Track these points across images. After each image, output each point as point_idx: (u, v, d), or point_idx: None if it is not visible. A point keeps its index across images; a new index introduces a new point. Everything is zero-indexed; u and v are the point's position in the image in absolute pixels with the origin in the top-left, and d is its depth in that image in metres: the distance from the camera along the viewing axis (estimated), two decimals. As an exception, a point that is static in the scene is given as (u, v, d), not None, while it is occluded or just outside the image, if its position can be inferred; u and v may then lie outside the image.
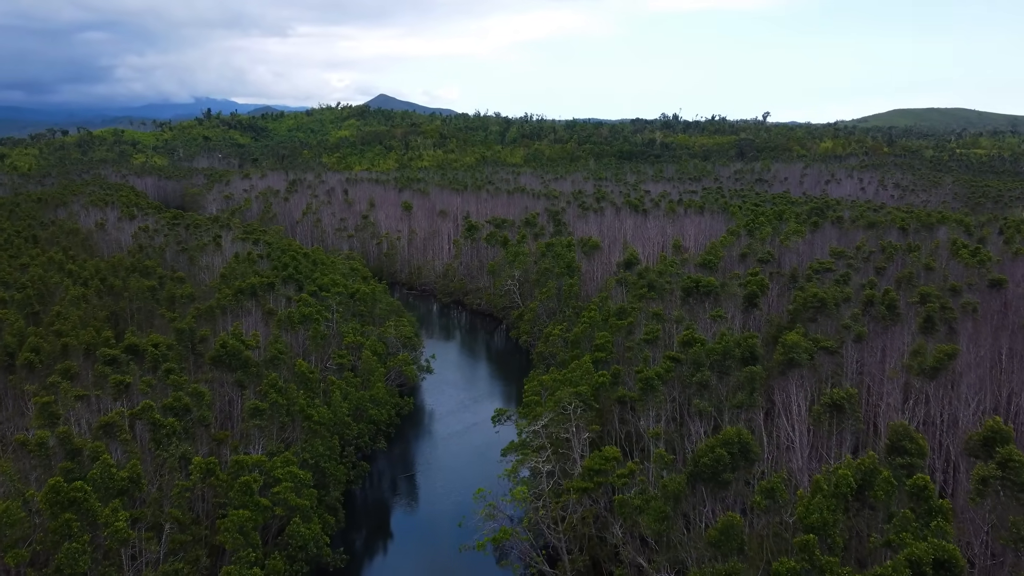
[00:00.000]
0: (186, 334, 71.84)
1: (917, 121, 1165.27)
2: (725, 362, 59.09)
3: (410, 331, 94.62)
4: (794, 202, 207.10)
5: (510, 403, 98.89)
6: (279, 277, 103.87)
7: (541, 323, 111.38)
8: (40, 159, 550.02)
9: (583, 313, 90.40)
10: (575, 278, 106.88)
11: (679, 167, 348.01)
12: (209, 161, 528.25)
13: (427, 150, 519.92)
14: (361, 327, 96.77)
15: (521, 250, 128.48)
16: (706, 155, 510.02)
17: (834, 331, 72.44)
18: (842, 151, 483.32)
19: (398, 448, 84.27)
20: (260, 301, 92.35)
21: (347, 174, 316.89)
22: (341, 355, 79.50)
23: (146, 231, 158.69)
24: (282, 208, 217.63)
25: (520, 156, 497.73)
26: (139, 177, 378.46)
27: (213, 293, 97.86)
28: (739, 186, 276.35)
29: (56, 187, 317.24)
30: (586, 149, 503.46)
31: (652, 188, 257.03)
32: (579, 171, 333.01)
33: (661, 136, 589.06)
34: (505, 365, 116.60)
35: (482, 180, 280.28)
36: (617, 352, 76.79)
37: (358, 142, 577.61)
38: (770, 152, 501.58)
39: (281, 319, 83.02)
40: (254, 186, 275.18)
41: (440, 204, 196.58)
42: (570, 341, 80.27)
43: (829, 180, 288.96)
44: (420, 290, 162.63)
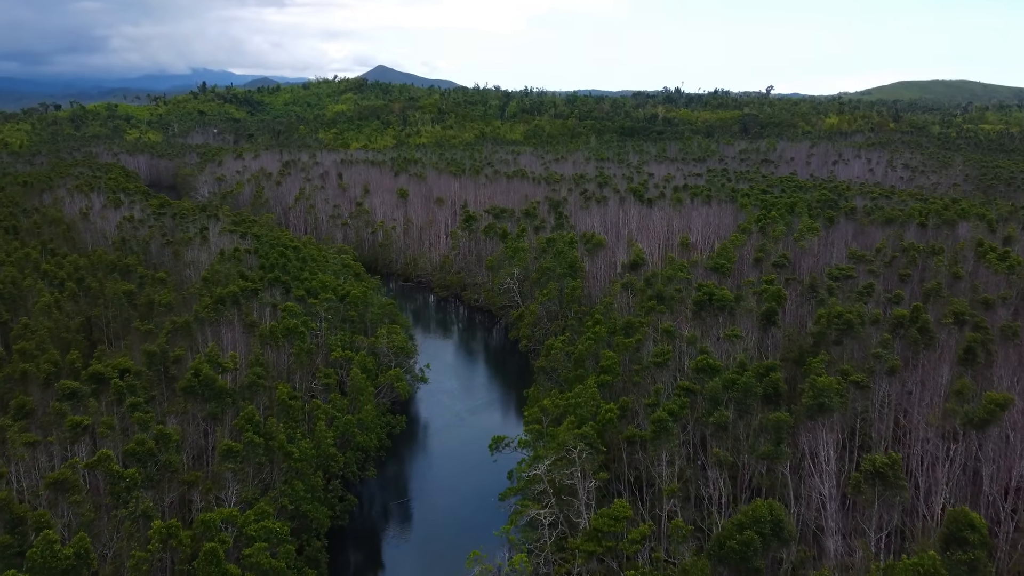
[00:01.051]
0: (157, 357, 66.22)
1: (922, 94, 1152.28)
2: (746, 400, 53.55)
3: (403, 341, 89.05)
4: (802, 186, 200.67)
5: (509, 415, 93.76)
6: (265, 279, 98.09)
7: (542, 326, 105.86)
8: (32, 135, 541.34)
9: (587, 323, 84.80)
10: (578, 280, 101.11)
11: (682, 145, 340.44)
12: (204, 137, 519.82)
13: (425, 126, 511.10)
14: (351, 337, 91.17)
15: (521, 245, 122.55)
16: (709, 131, 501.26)
17: (861, 355, 66.87)
18: (848, 127, 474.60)
19: (391, 468, 79.14)
20: (242, 310, 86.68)
21: (343, 153, 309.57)
22: (327, 375, 73.97)
23: (131, 221, 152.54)
24: (274, 192, 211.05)
25: (520, 132, 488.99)
26: (131, 155, 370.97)
27: (193, 301, 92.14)
28: (744, 167, 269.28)
29: (46, 166, 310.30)
30: (587, 125, 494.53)
31: (655, 170, 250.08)
32: (580, 150, 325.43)
33: (663, 111, 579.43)
34: (504, 369, 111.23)
35: (480, 162, 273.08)
36: (624, 373, 71.29)
37: (355, 117, 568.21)
38: (774, 128, 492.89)
39: (263, 333, 77.42)
40: (247, 167, 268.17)
41: (437, 189, 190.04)
42: (574, 358, 74.72)
43: (836, 161, 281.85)
44: (416, 282, 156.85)
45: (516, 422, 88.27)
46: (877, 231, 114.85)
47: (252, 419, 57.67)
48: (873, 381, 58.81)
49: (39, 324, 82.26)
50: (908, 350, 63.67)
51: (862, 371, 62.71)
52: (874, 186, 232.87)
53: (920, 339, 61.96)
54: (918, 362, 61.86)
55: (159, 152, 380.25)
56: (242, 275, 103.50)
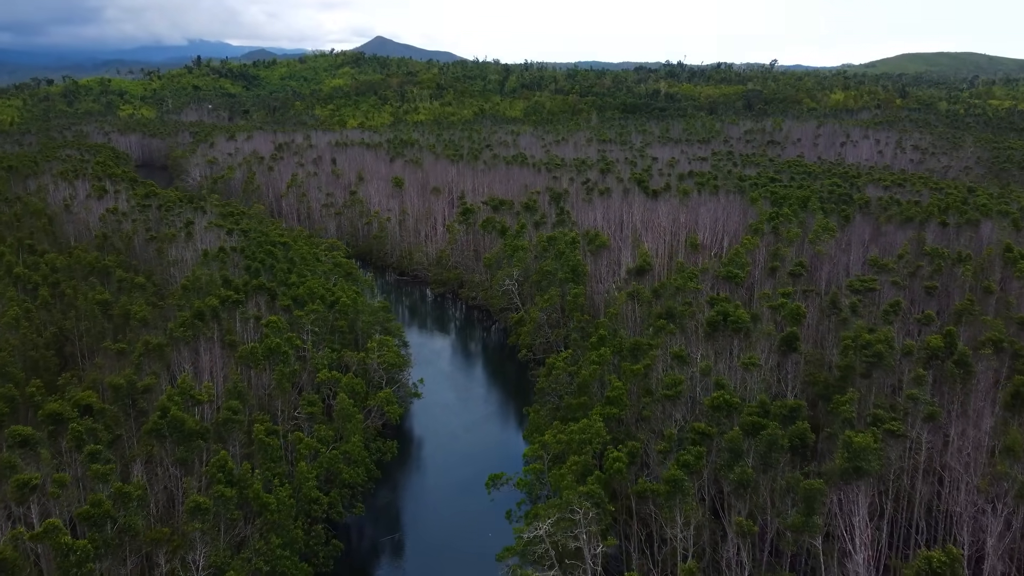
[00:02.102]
0: (124, 391, 60.77)
1: (927, 67, 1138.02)
2: (770, 454, 48.22)
3: (394, 357, 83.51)
4: (811, 171, 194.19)
5: (507, 432, 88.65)
6: (250, 287, 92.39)
7: (542, 333, 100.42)
8: (24, 111, 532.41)
9: (591, 339, 79.31)
10: (581, 287, 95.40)
11: (686, 124, 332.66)
12: (198, 114, 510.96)
13: (423, 102, 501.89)
14: (339, 352, 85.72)
15: (520, 244, 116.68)
16: (712, 107, 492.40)
17: (890, 385, 61.49)
18: (854, 104, 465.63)
19: (382, 496, 74.13)
20: (222, 325, 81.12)
21: (338, 134, 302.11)
22: (311, 402, 68.56)
23: (114, 213, 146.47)
24: (267, 178, 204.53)
25: (520, 109, 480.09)
26: (123, 135, 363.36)
27: (171, 314, 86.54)
28: (750, 149, 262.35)
29: (35, 147, 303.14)
30: (588, 101, 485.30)
31: (659, 153, 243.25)
32: (581, 130, 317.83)
33: (666, 86, 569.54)
34: (503, 376, 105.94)
35: (479, 144, 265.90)
36: (632, 403, 65.95)
37: (352, 92, 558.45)
38: (779, 104, 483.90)
39: (243, 355, 71.93)
40: (239, 149, 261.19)
41: (434, 176, 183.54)
42: (577, 383, 69.30)
43: (844, 142, 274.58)
44: (411, 276, 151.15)
45: (515, 440, 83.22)
46: (895, 230, 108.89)
47: (224, 466, 52.41)
48: (907, 423, 53.45)
49: (4, 342, 76.80)
50: (944, 383, 58.26)
51: (893, 408, 57.40)
52: (883, 169, 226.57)
53: (958, 373, 56.51)
54: (955, 398, 56.46)
55: (151, 131, 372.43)
56: (225, 280, 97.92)
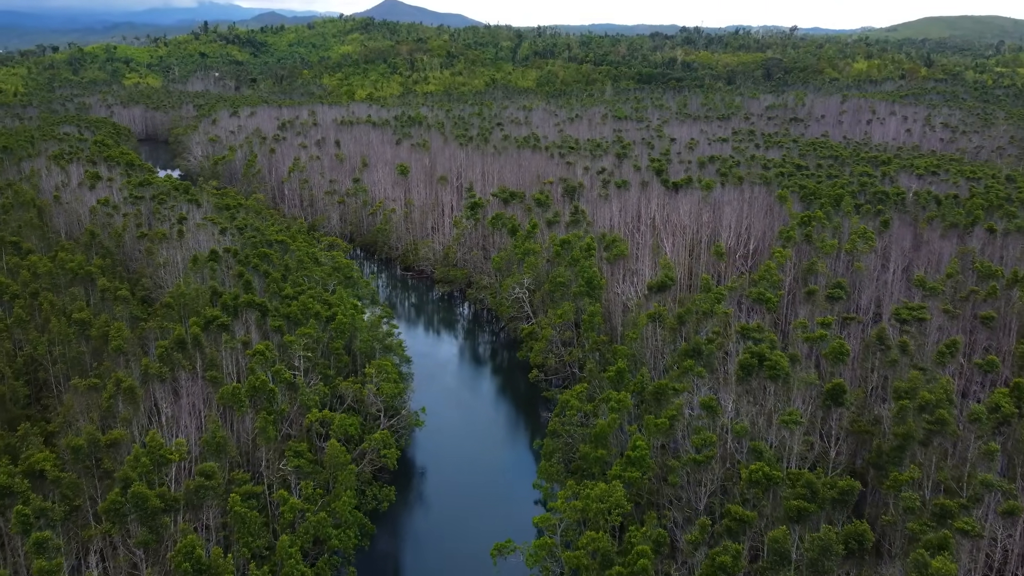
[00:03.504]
0: (83, 453, 54.11)
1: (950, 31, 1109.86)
2: (823, 560, 41.06)
3: (394, 388, 76.47)
4: (838, 154, 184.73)
5: (517, 464, 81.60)
6: (240, 303, 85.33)
7: (555, 350, 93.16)
8: (28, 79, 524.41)
9: (608, 372, 72.07)
10: (597, 305, 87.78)
11: (704, 99, 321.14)
12: (204, 83, 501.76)
13: (433, 71, 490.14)
14: (334, 378, 78.88)
15: (532, 247, 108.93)
16: (730, 77, 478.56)
17: (953, 453, 54.01)
18: (877, 74, 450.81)
19: (380, 544, 67.68)
20: (205, 354, 74.30)
21: (344, 108, 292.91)
22: (298, 453, 61.75)
23: (106, 205, 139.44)
24: (268, 161, 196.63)
25: (532, 79, 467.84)
26: (126, 107, 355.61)
27: (152, 339, 79.74)
28: (773, 127, 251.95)
29: (35, 121, 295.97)
30: (603, 71, 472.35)
31: (677, 131, 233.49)
32: (595, 105, 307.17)
33: (682, 54, 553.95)
34: (513, 395, 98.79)
35: (490, 121, 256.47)
36: (655, 460, 58.87)
37: (361, 60, 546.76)
38: (799, 74, 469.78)
39: (225, 396, 65.10)
40: (242, 126, 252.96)
41: (442, 161, 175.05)
42: (594, 434, 62.14)
43: (871, 119, 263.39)
44: (416, 271, 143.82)
45: (525, 476, 76.31)
46: (939, 239, 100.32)
47: (191, 553, 45.81)
48: (978, 510, 46.12)
49: (-33, 374, 70.37)
50: (1017, 454, 50.78)
51: (958, 483, 50.06)
52: (912, 150, 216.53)
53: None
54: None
55: (154, 104, 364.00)
56: (214, 292, 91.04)
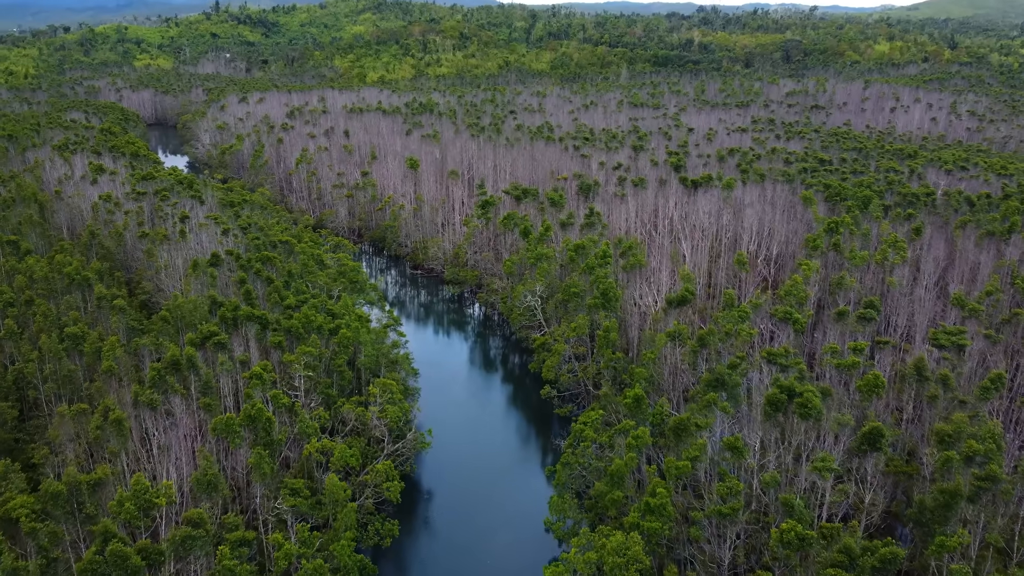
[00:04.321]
0: (62, 498, 50.57)
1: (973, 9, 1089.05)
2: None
3: (398, 412, 72.53)
4: (862, 146, 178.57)
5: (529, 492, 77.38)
6: (239, 316, 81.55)
7: (570, 365, 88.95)
8: (39, 60, 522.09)
9: (626, 397, 67.87)
10: (613, 320, 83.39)
11: (723, 84, 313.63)
12: (215, 65, 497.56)
13: (446, 53, 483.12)
14: (336, 400, 75.13)
15: (545, 252, 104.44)
16: (748, 59, 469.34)
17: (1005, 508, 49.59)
18: (900, 57, 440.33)
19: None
20: (200, 376, 70.58)
21: (355, 94, 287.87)
22: (295, 491, 58.05)
23: (107, 201, 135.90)
24: (276, 151, 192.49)
25: (546, 61, 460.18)
26: (135, 91, 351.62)
27: (145, 359, 76.15)
28: (793, 115, 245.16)
29: (43, 106, 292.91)
30: (618, 53, 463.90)
31: (695, 120, 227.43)
32: (611, 90, 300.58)
33: (699, 35, 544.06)
34: (524, 407, 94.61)
35: (503, 108, 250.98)
36: (676, 504, 54.76)
37: (373, 41, 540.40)
38: (819, 56, 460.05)
39: (218, 427, 61.38)
40: (250, 113, 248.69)
41: (453, 153, 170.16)
42: (610, 473, 58.06)
43: (895, 107, 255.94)
44: (426, 270, 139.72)
45: (537, 502, 72.32)
46: (974, 249, 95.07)
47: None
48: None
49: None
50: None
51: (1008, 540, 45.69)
52: (938, 140, 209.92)
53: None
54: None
55: (164, 87, 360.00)
56: (214, 302, 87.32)
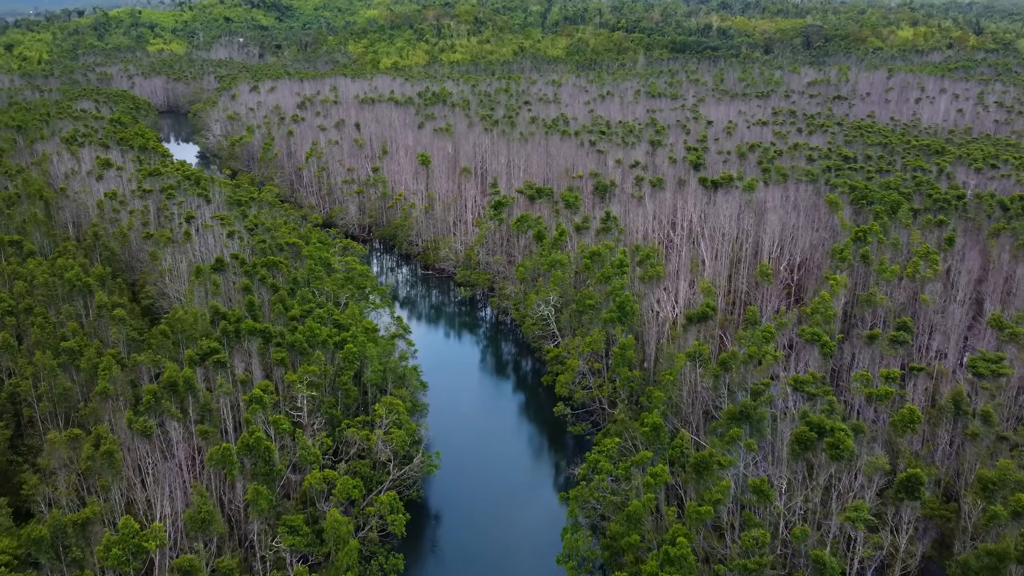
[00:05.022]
0: (46, 544, 47.78)
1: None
2: None
3: (405, 436, 69.38)
4: (886, 140, 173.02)
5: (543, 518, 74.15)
6: (242, 330, 78.51)
7: (584, 380, 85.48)
8: (53, 45, 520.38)
9: (643, 424, 64.39)
10: (630, 337, 79.75)
11: (742, 74, 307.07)
12: (228, 50, 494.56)
13: (460, 39, 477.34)
14: (340, 421, 72.10)
15: (559, 258, 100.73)
16: (768, 45, 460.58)
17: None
18: (924, 43, 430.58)
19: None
20: (198, 398, 67.62)
21: (367, 83, 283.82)
22: (294, 528, 55.06)
23: (113, 199, 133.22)
24: (286, 144, 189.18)
25: (562, 47, 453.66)
26: (147, 78, 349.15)
27: (143, 374, 73.33)
28: (815, 106, 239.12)
29: (54, 93, 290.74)
30: (635, 39, 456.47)
31: (714, 111, 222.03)
32: (627, 79, 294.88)
33: (718, 20, 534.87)
34: (537, 421, 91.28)
35: (517, 98, 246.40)
36: (696, 547, 51.33)
37: (387, 25, 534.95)
38: (840, 42, 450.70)
39: (214, 457, 58.42)
40: (262, 103, 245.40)
41: (466, 147, 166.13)
42: (627, 514, 54.68)
43: (920, 98, 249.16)
44: (437, 271, 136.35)
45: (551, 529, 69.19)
46: (1011, 260, 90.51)
47: None
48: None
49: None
50: None
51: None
52: (965, 133, 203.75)
53: None
54: None
55: (176, 74, 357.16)
56: (216, 312, 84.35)
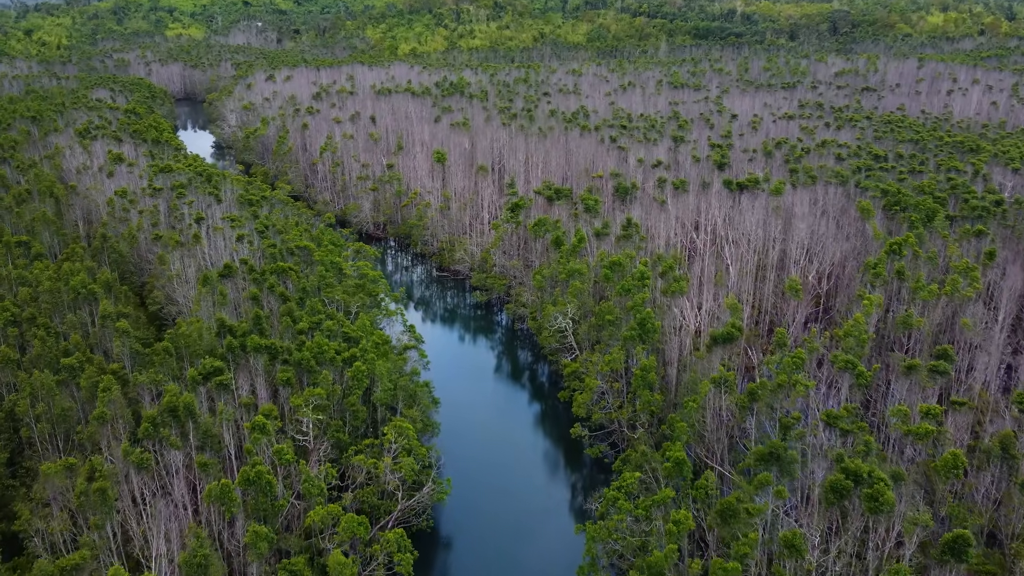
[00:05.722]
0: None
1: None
2: None
3: (414, 464, 66.20)
4: (918, 137, 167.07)
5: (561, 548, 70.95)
6: (248, 346, 75.62)
7: (603, 400, 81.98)
8: (72, 30, 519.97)
9: (666, 459, 60.89)
10: (652, 358, 76.01)
11: (767, 62, 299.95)
12: (246, 35, 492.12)
13: (479, 24, 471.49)
14: (348, 446, 69.20)
15: (578, 267, 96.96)
16: (793, 31, 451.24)
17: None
18: (954, 30, 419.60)
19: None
20: (199, 425, 64.83)
21: (384, 72, 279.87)
22: (294, 571, 52.16)
23: (123, 197, 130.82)
24: (300, 137, 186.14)
25: (583, 33, 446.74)
26: (164, 66, 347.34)
27: (143, 397, 70.67)
28: (843, 98, 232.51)
29: (71, 81, 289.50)
30: (657, 24, 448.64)
31: (739, 103, 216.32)
32: (649, 68, 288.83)
33: (742, 5, 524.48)
34: (553, 438, 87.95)
35: (537, 90, 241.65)
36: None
37: (405, 10, 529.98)
38: (868, 28, 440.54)
39: (212, 495, 55.59)
40: (277, 92, 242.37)
41: (482, 145, 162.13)
42: (648, 564, 51.30)
43: (951, 89, 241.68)
44: (452, 272, 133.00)
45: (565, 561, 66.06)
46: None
47: None
48: None
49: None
50: None
51: None
52: (999, 127, 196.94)
53: None
54: None
55: (193, 61, 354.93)
56: (222, 325, 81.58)
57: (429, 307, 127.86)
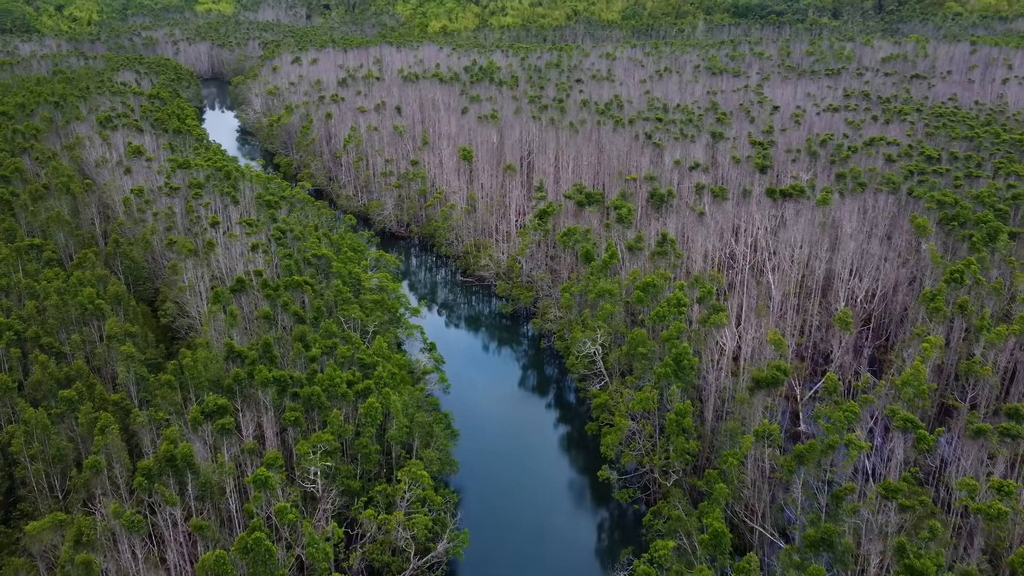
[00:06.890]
0: None
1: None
2: None
3: (428, 522, 61.32)
4: (972, 133, 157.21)
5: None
6: (258, 380, 70.99)
7: (636, 441, 76.27)
8: (103, 4, 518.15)
9: (704, 530, 55.27)
10: (687, 403, 70.02)
11: (810, 46, 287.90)
12: (275, 11, 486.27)
13: (512, 0, 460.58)
14: (357, 495, 64.47)
15: (608, 287, 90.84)
16: (837, 9, 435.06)
17: None
18: (1008, 9, 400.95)
19: None
20: (198, 474, 60.38)
21: (412, 54, 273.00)
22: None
23: (139, 196, 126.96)
24: (324, 127, 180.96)
25: (617, 10, 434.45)
26: (192, 44, 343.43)
27: (145, 435, 66.38)
28: (891, 86, 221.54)
29: (99, 61, 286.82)
30: (695, 2, 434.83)
31: (780, 93, 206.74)
32: (686, 51, 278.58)
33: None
34: (581, 482, 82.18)
35: (569, 76, 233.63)
36: None
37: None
38: (915, 6, 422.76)
39: (207, 566, 51.09)
40: (303, 76, 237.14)
41: (511, 140, 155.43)
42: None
43: (1007, 78, 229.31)
44: (476, 278, 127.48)
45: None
46: None
47: None
48: None
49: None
50: None
51: None
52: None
53: None
54: None
55: (220, 39, 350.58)
56: (231, 350, 77.16)
57: (452, 313, 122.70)
